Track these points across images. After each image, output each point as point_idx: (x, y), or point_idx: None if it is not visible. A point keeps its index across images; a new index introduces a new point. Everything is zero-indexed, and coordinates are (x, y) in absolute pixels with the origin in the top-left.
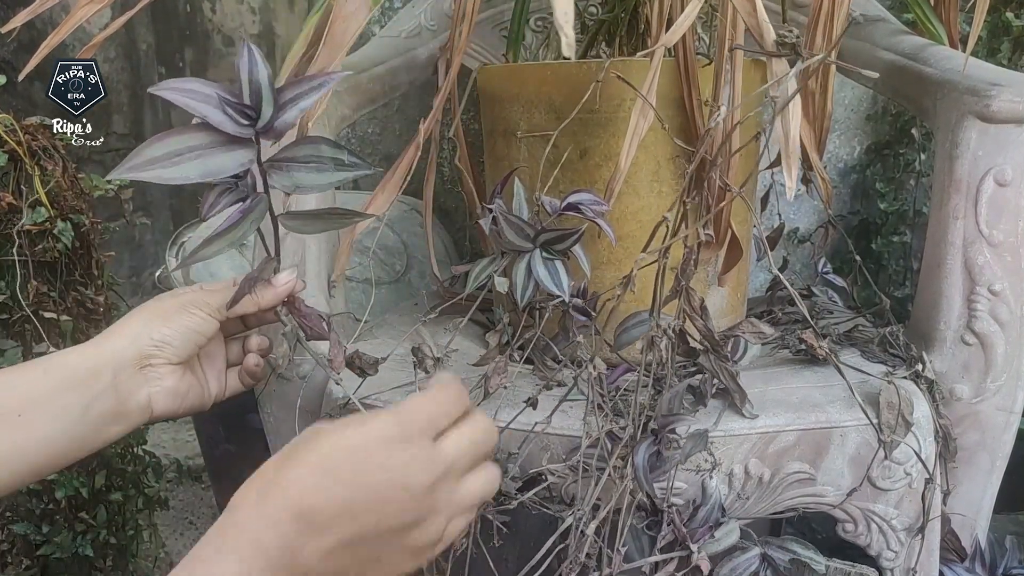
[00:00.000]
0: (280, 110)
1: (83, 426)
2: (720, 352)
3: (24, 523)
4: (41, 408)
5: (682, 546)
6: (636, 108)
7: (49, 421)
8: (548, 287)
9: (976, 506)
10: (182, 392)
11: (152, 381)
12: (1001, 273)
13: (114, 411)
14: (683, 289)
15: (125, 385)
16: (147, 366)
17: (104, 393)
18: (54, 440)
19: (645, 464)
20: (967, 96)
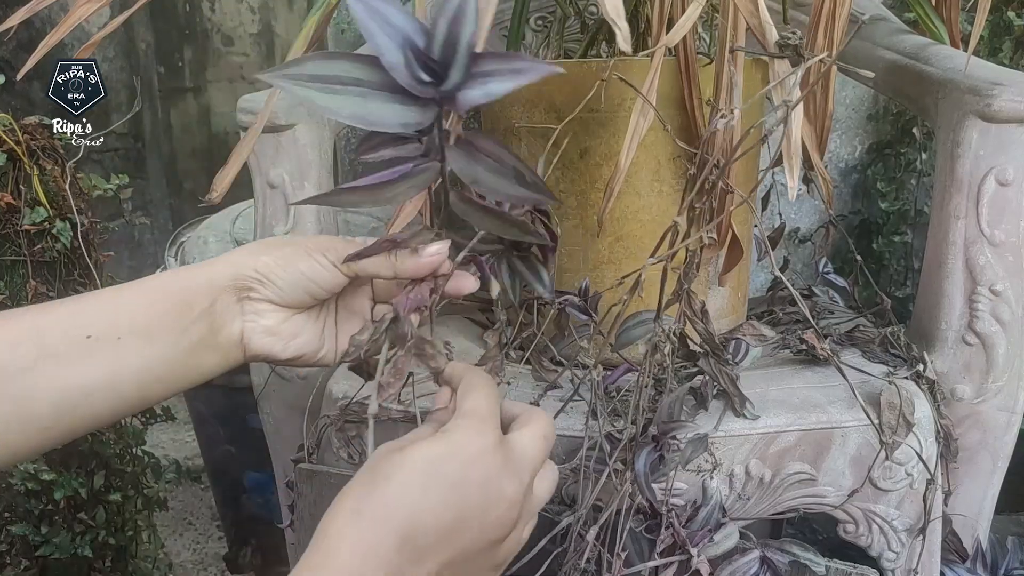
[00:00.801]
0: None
1: (179, 352)
2: (720, 356)
3: (23, 524)
4: (139, 332)
5: (682, 550)
6: (636, 108)
7: (147, 345)
8: (532, 284)
9: (977, 507)
10: (285, 335)
11: (248, 315)
12: (1002, 273)
13: (207, 340)
14: (684, 293)
15: (220, 314)
16: (245, 298)
17: (200, 318)
18: (152, 366)
19: (646, 470)
20: (968, 96)
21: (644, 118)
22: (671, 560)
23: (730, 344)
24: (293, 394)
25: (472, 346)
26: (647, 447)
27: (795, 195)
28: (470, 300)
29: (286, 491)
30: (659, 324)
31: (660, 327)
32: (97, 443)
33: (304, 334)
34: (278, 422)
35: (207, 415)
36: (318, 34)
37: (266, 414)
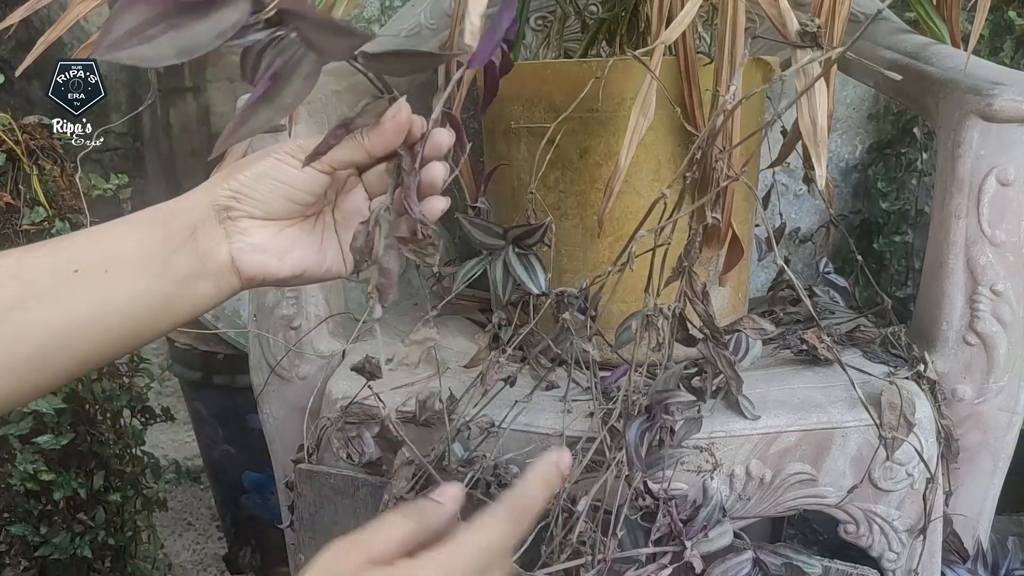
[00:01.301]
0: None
1: (166, 282)
2: (719, 340)
3: (22, 524)
4: (125, 263)
5: (676, 540)
6: (636, 106)
7: (133, 277)
8: (525, 283)
9: (978, 507)
10: (276, 250)
11: (234, 237)
12: (1003, 273)
13: (196, 269)
14: (685, 270)
15: (205, 240)
16: (226, 219)
17: (184, 247)
18: (140, 297)
19: (637, 440)
20: (969, 95)
21: (644, 116)
22: (664, 550)
23: (730, 341)
24: (293, 394)
25: (471, 346)
26: (639, 418)
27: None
28: (470, 300)
29: (286, 491)
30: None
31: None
32: (96, 443)
33: (299, 247)
34: (278, 422)
35: (207, 415)
36: None
37: (266, 414)
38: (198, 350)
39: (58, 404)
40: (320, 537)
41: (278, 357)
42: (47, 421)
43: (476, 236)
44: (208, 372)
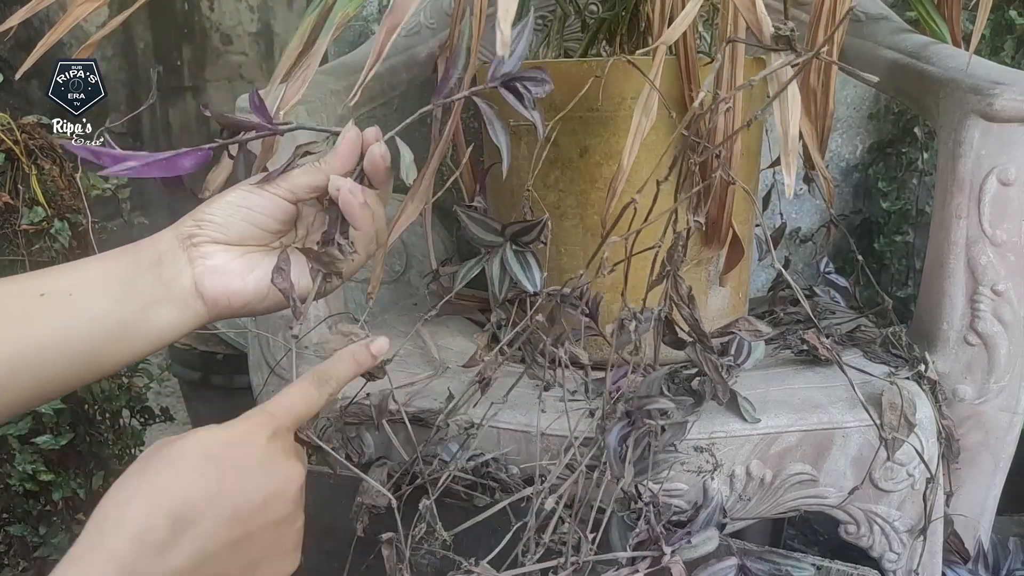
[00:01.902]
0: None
1: (128, 306)
2: (706, 343)
3: (21, 524)
4: (88, 288)
5: (655, 546)
6: (639, 106)
7: (95, 300)
8: (521, 281)
9: (979, 507)
10: (238, 272)
11: (196, 261)
12: (1004, 273)
13: (159, 294)
14: (669, 275)
15: (168, 267)
16: (190, 245)
17: (148, 273)
18: (101, 321)
19: (616, 444)
20: (970, 95)
21: (647, 117)
22: (643, 554)
23: (732, 344)
24: None
25: (471, 346)
26: (620, 423)
27: (792, 193)
28: (470, 300)
29: None
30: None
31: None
32: (96, 444)
33: (260, 267)
34: None
35: (206, 416)
36: (315, 33)
37: None
38: (197, 350)
39: (57, 404)
40: (320, 538)
41: (277, 357)
42: (46, 421)
43: (473, 231)
44: (207, 372)
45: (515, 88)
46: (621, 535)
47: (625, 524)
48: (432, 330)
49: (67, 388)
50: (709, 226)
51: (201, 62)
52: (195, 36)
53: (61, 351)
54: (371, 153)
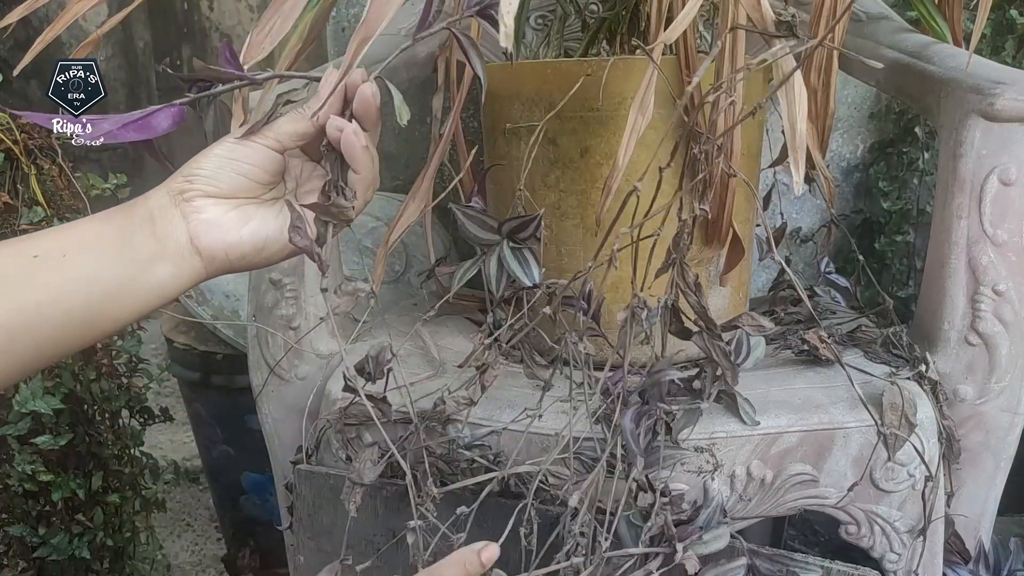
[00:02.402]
0: None
1: (125, 264)
2: (714, 331)
3: (20, 525)
4: (82, 248)
5: (667, 542)
6: (635, 105)
7: (90, 260)
8: (518, 276)
9: (980, 508)
10: (232, 224)
11: (189, 216)
12: (1005, 273)
13: (155, 251)
14: (675, 262)
15: (162, 224)
16: (181, 200)
17: (142, 230)
18: (98, 279)
19: (633, 426)
20: (971, 94)
21: (642, 116)
22: (655, 551)
23: (731, 343)
24: (292, 395)
25: (471, 346)
26: (635, 405)
27: (800, 190)
28: (469, 300)
29: (285, 493)
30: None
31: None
32: (95, 444)
33: (255, 218)
34: (277, 423)
35: (205, 416)
36: (315, 32)
37: (265, 415)
38: (197, 350)
39: (57, 404)
40: (320, 539)
41: (277, 357)
42: (45, 421)
43: (470, 230)
44: (207, 372)
45: (490, 15)
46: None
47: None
48: (432, 330)
49: (67, 351)
50: (709, 225)
51: (201, 62)
52: (195, 36)
53: (58, 311)
54: (362, 92)
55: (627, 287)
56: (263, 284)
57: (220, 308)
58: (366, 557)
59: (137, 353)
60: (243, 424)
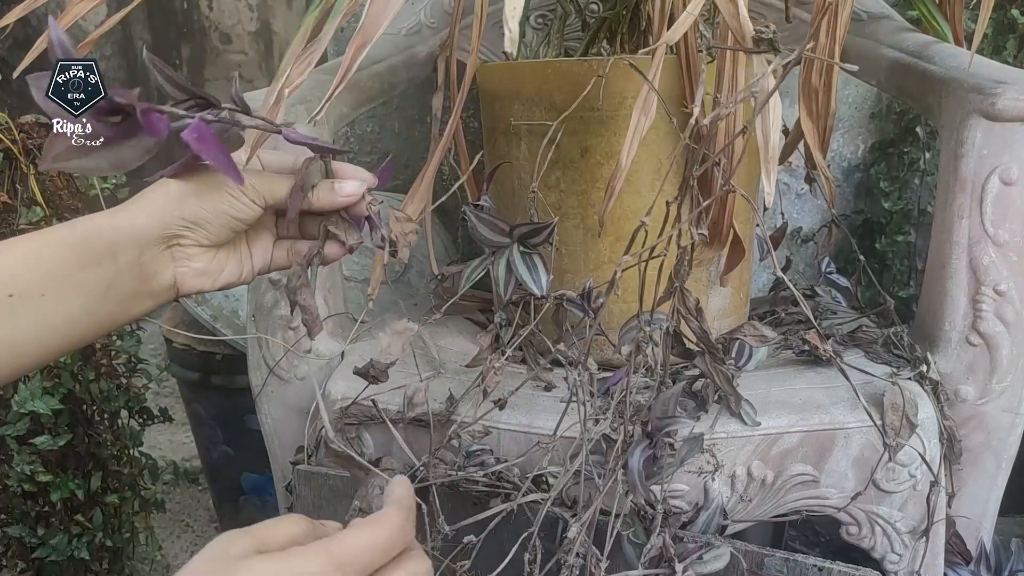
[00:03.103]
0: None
1: (106, 304)
2: (716, 354)
3: (19, 525)
4: (63, 286)
5: (667, 563)
6: (638, 105)
7: (73, 301)
8: (527, 283)
9: (981, 508)
10: (214, 272)
11: (180, 261)
12: (1007, 273)
13: (137, 291)
14: (676, 290)
15: (150, 265)
16: (175, 245)
17: (127, 271)
18: (79, 319)
19: (640, 468)
20: (972, 94)
21: (645, 116)
22: (655, 572)
23: (733, 346)
24: (291, 395)
25: (472, 347)
26: (641, 444)
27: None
28: (470, 300)
29: (284, 493)
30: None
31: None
32: (94, 445)
33: (229, 265)
34: (276, 423)
35: (205, 416)
36: (316, 33)
37: (264, 415)
38: (196, 351)
39: (56, 405)
40: None
41: (277, 358)
42: (44, 422)
43: (481, 232)
44: (206, 373)
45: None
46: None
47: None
48: (432, 331)
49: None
50: (710, 227)
51: (200, 61)
52: (194, 35)
53: (36, 347)
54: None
55: (627, 286)
56: (263, 284)
57: (219, 308)
58: None
59: (136, 353)
60: (243, 424)
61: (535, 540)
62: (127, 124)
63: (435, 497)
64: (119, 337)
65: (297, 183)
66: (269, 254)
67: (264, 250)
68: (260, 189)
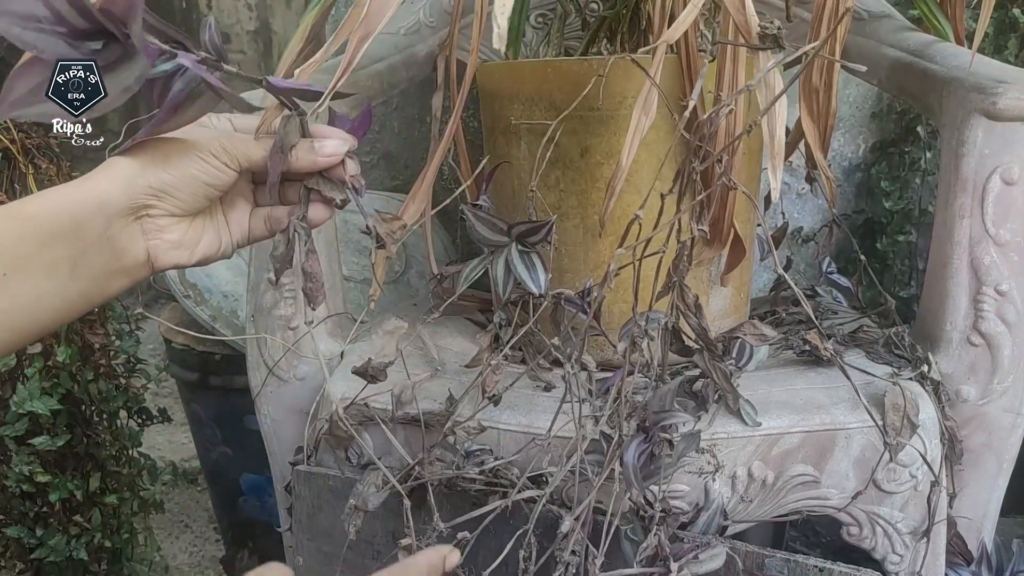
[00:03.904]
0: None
1: (76, 282)
2: (714, 351)
3: (17, 526)
4: (27, 266)
5: (662, 563)
6: (638, 104)
7: (39, 280)
8: (525, 282)
9: (982, 509)
10: (190, 243)
11: (151, 234)
12: (1008, 273)
13: (109, 267)
14: (675, 285)
15: (119, 239)
16: (144, 216)
17: (95, 247)
18: (47, 299)
19: (636, 462)
20: (973, 93)
21: (646, 115)
22: (649, 571)
23: (734, 346)
24: (291, 395)
25: (471, 347)
26: (637, 439)
27: (778, 195)
28: (469, 300)
29: (284, 494)
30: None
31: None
32: (93, 445)
33: (206, 236)
34: (276, 424)
35: (204, 417)
36: (315, 31)
37: (263, 416)
38: (195, 351)
39: (54, 405)
40: (319, 540)
41: (276, 358)
42: (43, 422)
43: (480, 231)
44: (205, 373)
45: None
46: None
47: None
48: (431, 330)
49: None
50: (711, 226)
51: None
52: (193, 34)
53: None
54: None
55: (627, 285)
56: (262, 284)
57: (219, 308)
58: (366, 559)
59: (135, 353)
60: (242, 425)
61: (530, 537)
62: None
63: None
64: (118, 337)
65: (276, 144)
66: (247, 224)
67: (241, 219)
68: (233, 152)
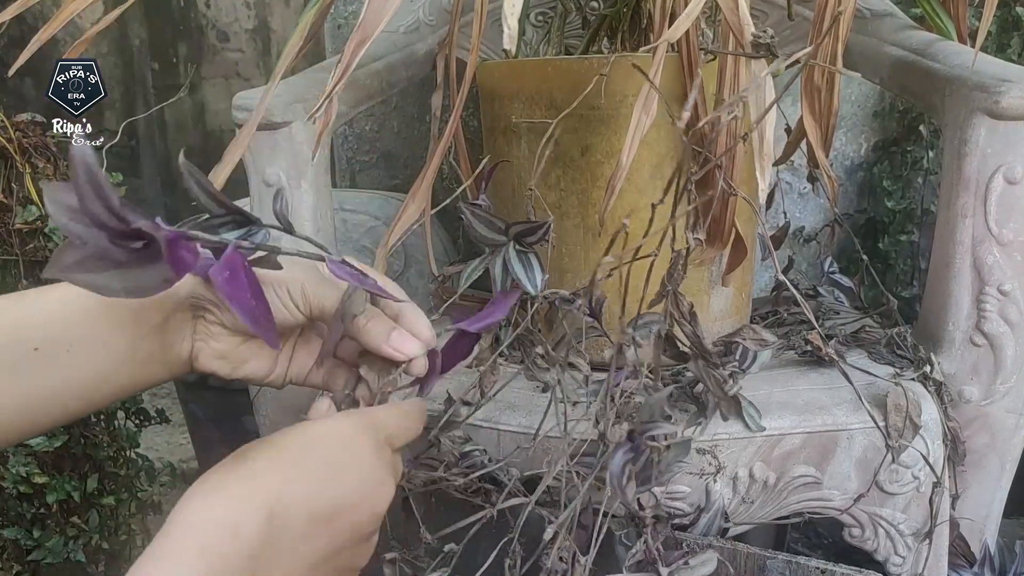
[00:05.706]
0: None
1: (126, 366)
2: (708, 359)
3: (15, 528)
4: (90, 344)
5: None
6: (639, 103)
7: (98, 358)
8: (522, 282)
9: (985, 510)
10: (235, 359)
11: (200, 335)
12: (1011, 273)
13: (156, 356)
14: (669, 293)
15: (172, 331)
16: (200, 317)
17: (152, 334)
18: (101, 380)
19: (620, 471)
20: (976, 92)
21: (646, 114)
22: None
23: (736, 350)
24: (289, 396)
25: None
26: (623, 447)
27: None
28: (470, 300)
29: None
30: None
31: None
32: (90, 446)
33: (255, 360)
34: (274, 424)
35: (202, 417)
36: (314, 30)
37: (262, 416)
38: None
39: None
40: None
41: None
42: None
43: (477, 229)
44: (203, 373)
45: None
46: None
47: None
48: None
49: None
50: (711, 226)
51: (197, 59)
52: (191, 33)
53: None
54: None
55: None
56: None
57: None
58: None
59: None
60: (240, 425)
61: (515, 545)
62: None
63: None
64: None
65: (338, 312)
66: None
67: (308, 360)
68: (310, 296)
